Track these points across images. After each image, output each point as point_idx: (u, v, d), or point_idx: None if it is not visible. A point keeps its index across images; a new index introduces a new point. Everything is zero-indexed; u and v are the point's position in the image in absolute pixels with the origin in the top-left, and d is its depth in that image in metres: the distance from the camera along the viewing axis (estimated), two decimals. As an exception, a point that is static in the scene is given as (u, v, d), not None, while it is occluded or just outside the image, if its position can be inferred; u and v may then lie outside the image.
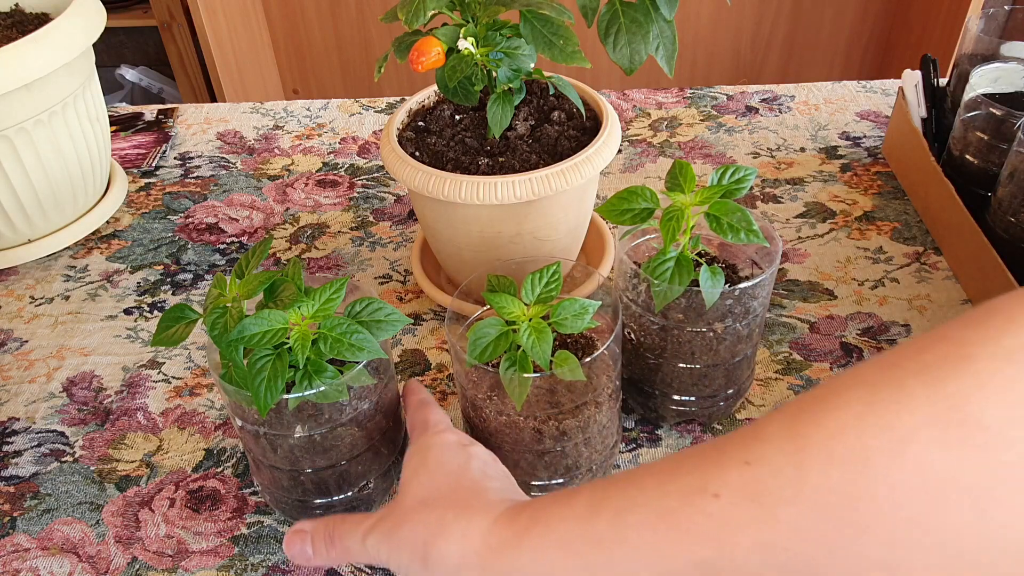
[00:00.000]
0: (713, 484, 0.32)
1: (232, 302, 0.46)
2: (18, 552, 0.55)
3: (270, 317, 0.45)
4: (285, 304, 0.46)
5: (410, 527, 0.41)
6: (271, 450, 0.50)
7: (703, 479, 0.32)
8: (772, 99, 0.97)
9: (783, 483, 0.30)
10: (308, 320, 0.46)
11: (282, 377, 0.44)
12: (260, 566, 0.53)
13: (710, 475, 0.32)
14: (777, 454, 0.31)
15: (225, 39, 1.92)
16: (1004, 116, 0.69)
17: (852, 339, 0.66)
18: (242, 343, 0.44)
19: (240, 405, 0.49)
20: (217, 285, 0.48)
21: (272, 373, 0.44)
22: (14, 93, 0.68)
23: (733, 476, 0.32)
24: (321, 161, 0.91)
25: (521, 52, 0.56)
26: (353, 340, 0.45)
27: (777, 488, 0.30)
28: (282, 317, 0.45)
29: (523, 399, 0.47)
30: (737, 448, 0.32)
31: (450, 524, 0.39)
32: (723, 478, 0.32)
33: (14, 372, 0.68)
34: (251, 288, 0.46)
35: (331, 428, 0.49)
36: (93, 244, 0.81)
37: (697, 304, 0.52)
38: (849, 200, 0.81)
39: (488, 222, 0.60)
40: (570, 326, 0.48)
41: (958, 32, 1.78)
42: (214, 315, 0.45)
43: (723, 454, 0.33)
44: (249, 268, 0.48)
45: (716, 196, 0.51)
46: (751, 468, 0.31)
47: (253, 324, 0.44)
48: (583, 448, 0.52)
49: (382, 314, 0.48)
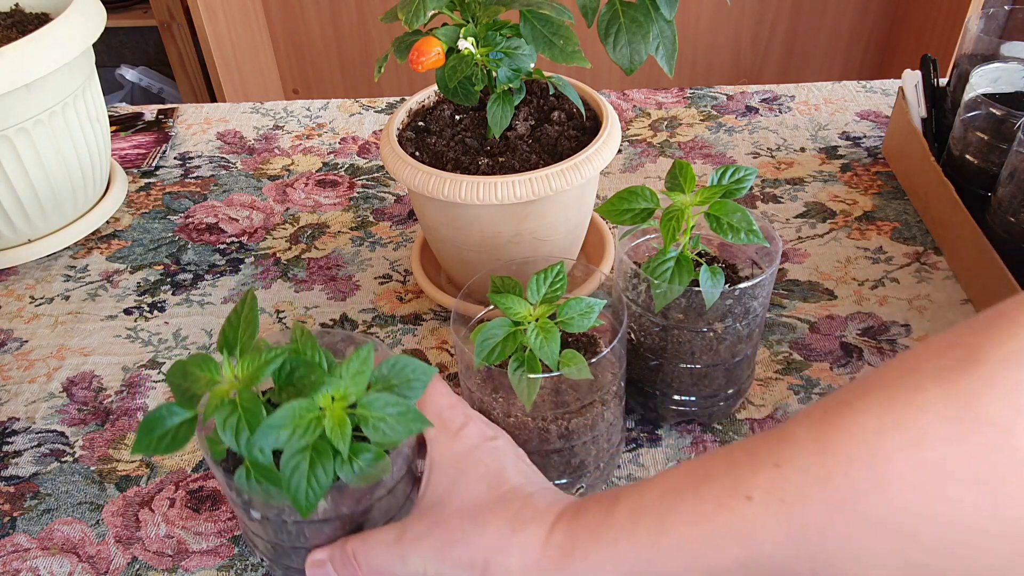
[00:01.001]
0: (745, 486, 0.34)
1: (240, 393, 0.39)
2: (18, 552, 0.55)
3: (298, 410, 0.38)
4: (310, 390, 0.39)
5: (465, 546, 0.41)
6: (299, 535, 0.45)
7: (735, 482, 0.35)
8: (772, 99, 0.97)
9: (810, 483, 0.33)
10: (340, 403, 0.40)
11: (326, 472, 0.39)
12: (260, 566, 0.53)
13: (742, 478, 0.34)
14: (804, 456, 0.33)
15: (225, 39, 1.92)
16: (1004, 116, 0.69)
17: (852, 339, 0.66)
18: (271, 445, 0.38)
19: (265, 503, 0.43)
20: (201, 367, 0.40)
21: (311, 472, 0.39)
22: (14, 93, 0.68)
23: (763, 478, 0.34)
24: (321, 161, 0.91)
25: (521, 52, 0.56)
26: (398, 416, 0.40)
27: (804, 488, 0.33)
28: (311, 405, 0.39)
29: (532, 399, 0.47)
30: (767, 451, 0.35)
31: (509, 539, 0.40)
32: (754, 480, 0.34)
33: (14, 372, 0.68)
34: (255, 374, 0.39)
35: (369, 505, 0.45)
36: (93, 244, 0.81)
37: (697, 304, 0.52)
38: (849, 200, 0.81)
39: (488, 222, 0.60)
40: (577, 325, 0.48)
41: (958, 32, 1.78)
42: (223, 413, 0.38)
43: (754, 457, 0.35)
44: (241, 340, 0.41)
45: (716, 196, 0.51)
46: (780, 470, 0.34)
47: (281, 421, 0.38)
48: (591, 447, 0.52)
49: (409, 371, 0.42)
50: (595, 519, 0.38)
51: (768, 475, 0.34)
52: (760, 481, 0.34)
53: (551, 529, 0.39)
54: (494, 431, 0.46)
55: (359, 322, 0.70)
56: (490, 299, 0.50)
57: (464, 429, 0.45)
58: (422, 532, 0.42)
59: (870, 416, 0.32)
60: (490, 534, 0.40)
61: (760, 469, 0.34)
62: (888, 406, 0.32)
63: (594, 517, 0.39)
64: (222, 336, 0.41)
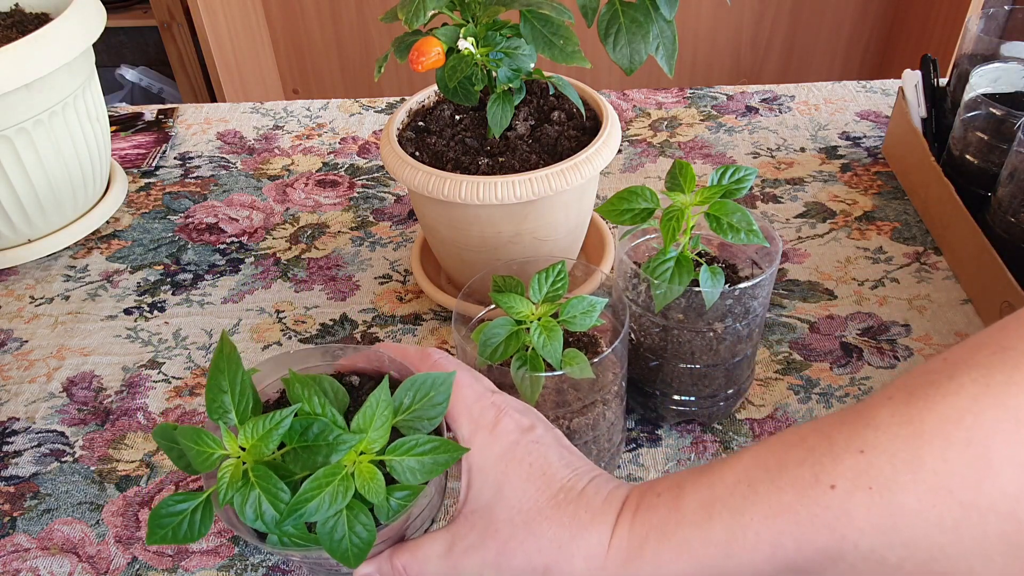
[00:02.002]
0: (827, 475, 0.33)
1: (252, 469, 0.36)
2: (18, 552, 0.55)
3: (323, 479, 0.36)
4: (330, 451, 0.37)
5: (524, 554, 0.39)
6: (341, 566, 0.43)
7: (815, 470, 0.33)
8: (772, 99, 0.97)
9: (900, 469, 0.31)
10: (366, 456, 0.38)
11: (366, 527, 0.37)
12: (260, 566, 0.53)
13: (822, 465, 0.33)
14: (892, 440, 0.32)
15: (225, 39, 1.92)
16: (1004, 116, 0.69)
17: (852, 339, 0.66)
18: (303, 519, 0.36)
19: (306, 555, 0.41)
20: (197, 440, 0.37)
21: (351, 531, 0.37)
22: (14, 93, 0.68)
23: (847, 465, 0.32)
24: (321, 161, 0.91)
25: (521, 52, 0.56)
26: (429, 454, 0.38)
27: (894, 474, 0.31)
28: (337, 468, 0.36)
29: (536, 398, 0.47)
30: (848, 437, 0.33)
31: (568, 545, 0.38)
32: (837, 468, 0.32)
33: (14, 372, 0.68)
34: (264, 445, 0.36)
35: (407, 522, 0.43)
36: (93, 244, 0.81)
37: (697, 304, 0.52)
38: (849, 200, 0.81)
39: (488, 222, 0.60)
40: (579, 324, 0.48)
41: (958, 32, 1.77)
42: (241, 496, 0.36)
43: (833, 443, 0.33)
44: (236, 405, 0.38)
45: (716, 196, 0.51)
46: (865, 456, 0.32)
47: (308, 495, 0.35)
48: (592, 446, 0.53)
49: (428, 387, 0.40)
50: (662, 516, 0.37)
51: (852, 462, 0.32)
52: (843, 469, 0.32)
53: (614, 530, 0.37)
54: (530, 419, 0.43)
55: (359, 322, 0.70)
56: (492, 298, 0.50)
57: (499, 425, 0.41)
58: (474, 543, 0.40)
59: (964, 397, 0.31)
60: (548, 541, 0.38)
61: (842, 456, 0.32)
62: (985, 386, 0.30)
63: (660, 514, 0.37)
64: (209, 400, 0.38)
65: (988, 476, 0.30)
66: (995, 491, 0.30)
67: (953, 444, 0.30)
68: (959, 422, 0.30)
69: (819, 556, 0.33)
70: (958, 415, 0.31)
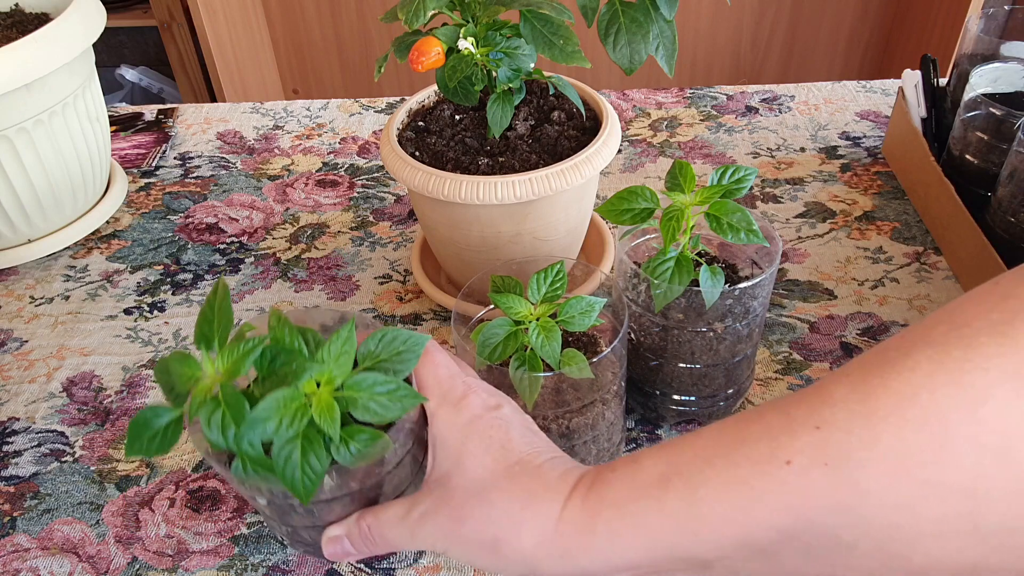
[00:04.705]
0: (783, 451, 0.32)
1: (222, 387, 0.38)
2: (18, 552, 0.55)
3: (282, 399, 0.37)
4: (293, 377, 0.38)
5: (473, 524, 0.39)
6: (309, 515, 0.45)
7: (772, 446, 0.33)
8: (772, 99, 0.97)
9: (856, 446, 0.31)
10: (326, 388, 0.39)
11: (320, 458, 0.38)
12: (260, 566, 0.53)
13: (779, 441, 0.32)
14: (848, 417, 0.31)
15: (225, 39, 1.92)
16: (1004, 116, 0.69)
17: (852, 339, 0.66)
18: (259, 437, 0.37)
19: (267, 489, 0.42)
20: (183, 364, 0.39)
21: (304, 460, 0.38)
22: (14, 93, 0.68)
23: (803, 442, 0.32)
24: (321, 161, 0.91)
25: (521, 52, 0.56)
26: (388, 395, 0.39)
27: (850, 451, 0.31)
28: (296, 393, 0.38)
29: (534, 398, 0.47)
30: (805, 413, 0.32)
31: (518, 516, 0.38)
32: (793, 444, 0.32)
33: (14, 372, 0.68)
34: (235, 367, 0.38)
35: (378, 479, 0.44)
36: (93, 244, 0.81)
37: (697, 304, 0.52)
38: (849, 200, 0.81)
39: (488, 222, 0.60)
40: (578, 324, 0.48)
41: (958, 32, 1.78)
42: (207, 411, 0.37)
43: (791, 419, 0.33)
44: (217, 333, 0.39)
45: (716, 196, 0.51)
46: (821, 432, 0.31)
47: (265, 413, 0.37)
48: (591, 446, 0.53)
49: (399, 344, 0.41)
50: (617, 489, 0.36)
51: (808, 439, 0.32)
52: (800, 445, 0.32)
53: (565, 503, 0.37)
54: (497, 399, 0.43)
55: (359, 322, 0.70)
56: (491, 299, 0.50)
57: (465, 399, 0.42)
58: (430, 509, 0.41)
59: (919, 374, 0.30)
60: (498, 511, 0.38)
61: (799, 432, 0.32)
62: (940, 363, 0.30)
63: (615, 488, 0.36)
64: (198, 330, 0.40)
65: (945, 453, 0.29)
66: (952, 468, 0.29)
67: (909, 422, 0.30)
68: (914, 399, 0.30)
69: (775, 534, 0.32)
70: (913, 391, 0.30)
